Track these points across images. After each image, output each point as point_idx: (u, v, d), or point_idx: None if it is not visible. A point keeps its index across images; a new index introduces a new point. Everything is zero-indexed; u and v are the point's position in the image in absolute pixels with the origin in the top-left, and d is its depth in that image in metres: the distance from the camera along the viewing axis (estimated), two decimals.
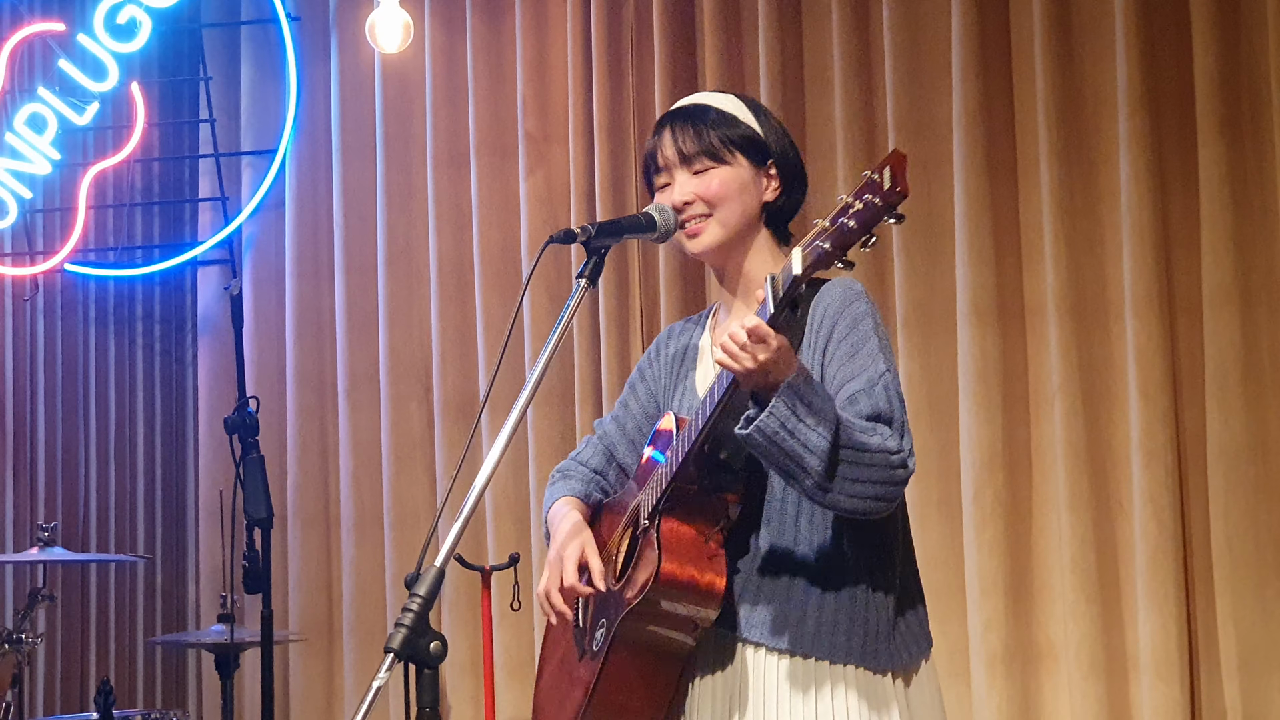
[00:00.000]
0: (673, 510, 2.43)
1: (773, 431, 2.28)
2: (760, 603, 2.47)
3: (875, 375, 2.44)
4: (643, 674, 2.47)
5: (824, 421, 2.28)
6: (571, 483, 2.76)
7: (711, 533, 2.43)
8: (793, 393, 2.27)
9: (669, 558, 2.38)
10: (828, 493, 2.33)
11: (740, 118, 2.61)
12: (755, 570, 2.48)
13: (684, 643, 2.45)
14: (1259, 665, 4.57)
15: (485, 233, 5.69)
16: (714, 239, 2.59)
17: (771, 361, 2.25)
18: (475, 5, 5.77)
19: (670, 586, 2.38)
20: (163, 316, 6.31)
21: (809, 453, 2.28)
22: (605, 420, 2.84)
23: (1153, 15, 4.77)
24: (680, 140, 2.58)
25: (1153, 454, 4.63)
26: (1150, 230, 4.69)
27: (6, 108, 5.85)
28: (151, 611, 6.12)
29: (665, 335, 2.81)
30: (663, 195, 2.61)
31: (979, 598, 4.79)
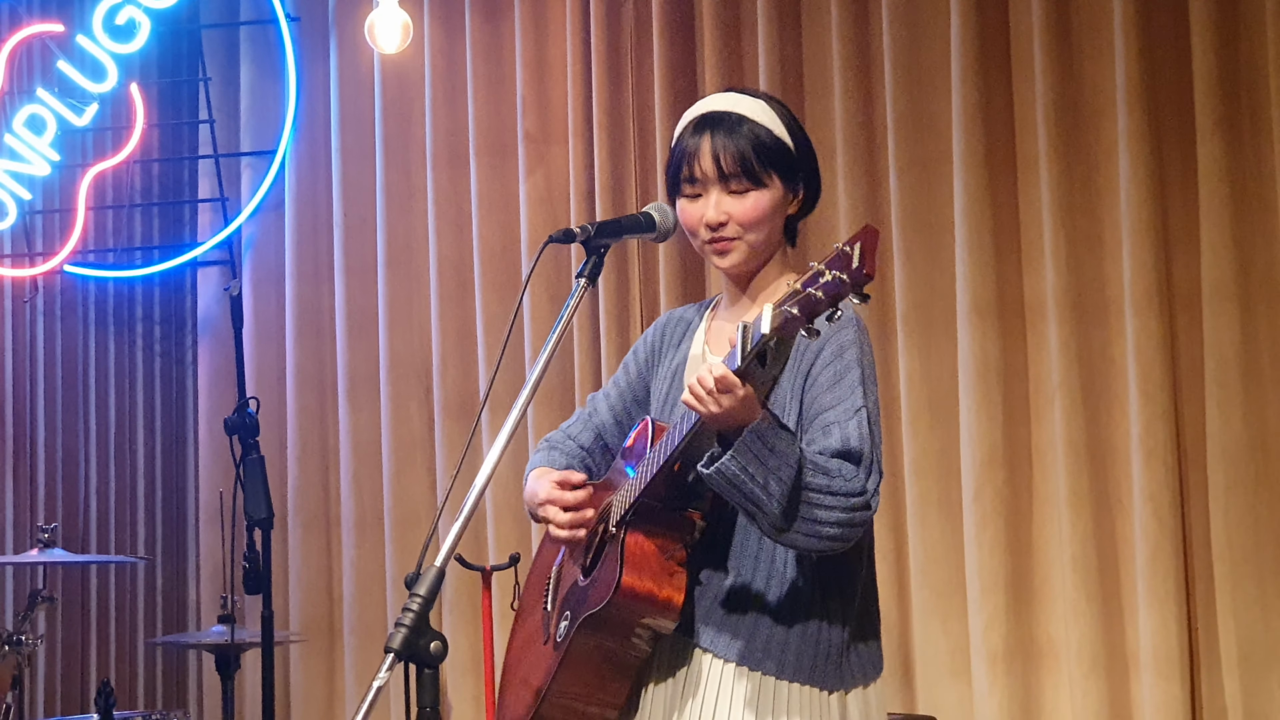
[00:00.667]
0: (639, 523, 2.48)
1: (732, 475, 2.34)
2: (717, 615, 2.52)
3: (852, 408, 2.48)
4: (598, 671, 2.55)
5: (785, 465, 2.34)
6: (555, 455, 2.81)
7: (674, 549, 2.48)
8: (756, 437, 2.32)
9: (629, 571, 2.44)
10: (783, 533, 2.40)
11: (777, 133, 2.62)
12: (717, 583, 2.53)
13: (641, 649, 2.52)
14: (1259, 662, 4.57)
15: (485, 233, 5.69)
16: (741, 258, 2.62)
17: (736, 408, 2.30)
18: (474, 6, 5.78)
19: (629, 599, 2.44)
20: (162, 317, 6.31)
21: (767, 497, 2.35)
22: (597, 396, 2.88)
23: (1152, 13, 4.77)
24: (721, 157, 2.58)
25: (1153, 452, 4.63)
26: (1150, 228, 4.69)
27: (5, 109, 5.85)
28: (152, 612, 6.12)
29: (664, 320, 2.84)
30: (693, 205, 2.62)
31: (980, 596, 4.79)
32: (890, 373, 5.00)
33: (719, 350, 2.65)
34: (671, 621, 2.47)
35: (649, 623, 2.47)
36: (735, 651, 2.50)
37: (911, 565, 4.96)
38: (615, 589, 2.43)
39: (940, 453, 4.93)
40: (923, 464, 4.93)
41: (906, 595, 4.99)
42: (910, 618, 4.98)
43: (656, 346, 2.80)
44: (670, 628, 2.48)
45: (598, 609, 2.45)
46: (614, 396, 2.83)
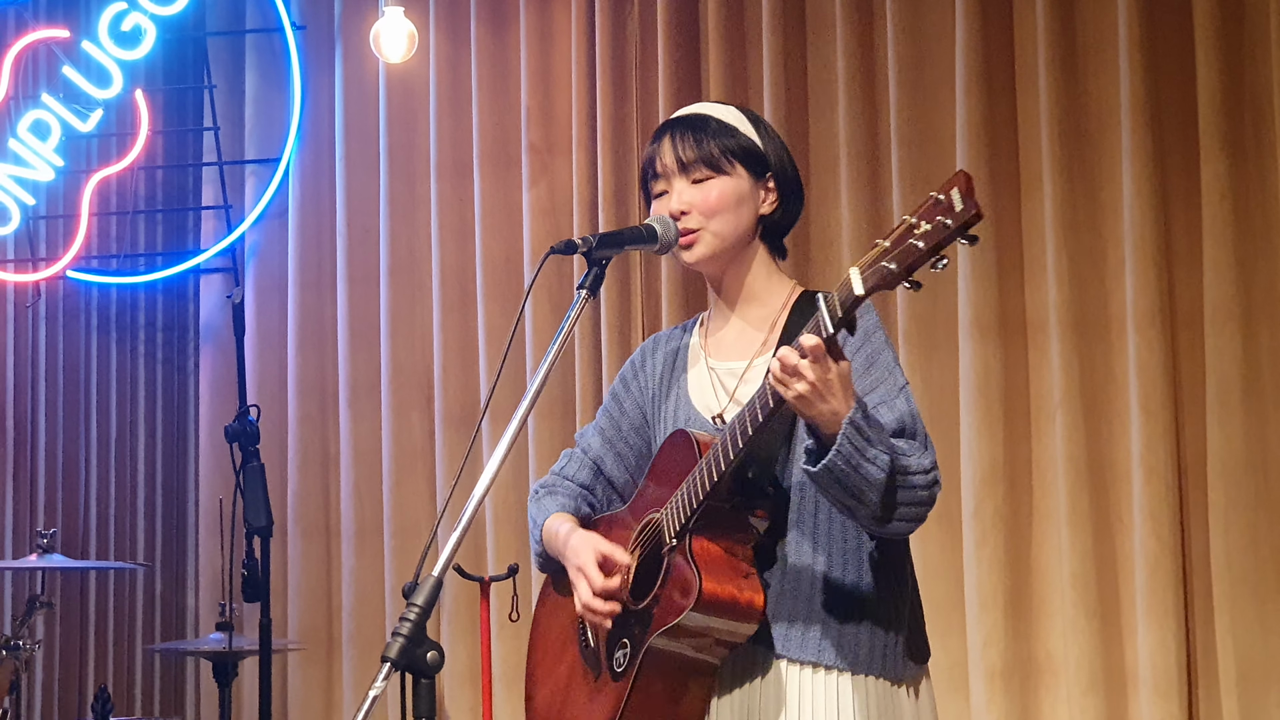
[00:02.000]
0: (702, 529, 2.41)
1: (840, 470, 2.28)
2: (784, 616, 2.47)
3: (895, 387, 2.47)
4: (671, 692, 2.47)
5: (882, 453, 2.30)
6: (559, 498, 2.74)
7: (743, 550, 2.42)
8: (855, 430, 2.26)
9: (709, 577, 2.36)
10: (884, 523, 2.36)
11: (740, 129, 2.60)
12: (779, 584, 2.48)
13: (714, 661, 2.45)
14: (1258, 680, 4.57)
15: (488, 243, 5.69)
16: (708, 250, 2.59)
17: (827, 384, 2.23)
18: (480, 15, 5.78)
19: (711, 605, 2.37)
20: (165, 324, 6.31)
21: (871, 487, 2.30)
22: (587, 433, 2.81)
23: (1156, 31, 4.78)
24: (680, 148, 2.57)
25: (1153, 469, 4.62)
26: (1152, 246, 4.69)
27: (10, 114, 5.85)
28: (150, 619, 6.11)
29: (650, 344, 2.79)
30: (660, 203, 2.61)
31: (979, 612, 4.78)
32: None
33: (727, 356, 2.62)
34: (753, 626, 2.40)
35: (728, 630, 2.40)
36: (812, 652, 2.45)
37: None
38: (698, 596, 2.34)
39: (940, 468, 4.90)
40: None
41: None
42: None
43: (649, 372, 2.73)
44: (750, 632, 2.41)
45: (678, 619, 2.37)
46: (608, 429, 2.76)
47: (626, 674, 2.46)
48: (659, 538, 2.48)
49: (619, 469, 2.74)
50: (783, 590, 2.47)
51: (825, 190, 5.15)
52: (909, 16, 5.07)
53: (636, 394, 2.75)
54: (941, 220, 2.08)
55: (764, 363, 2.53)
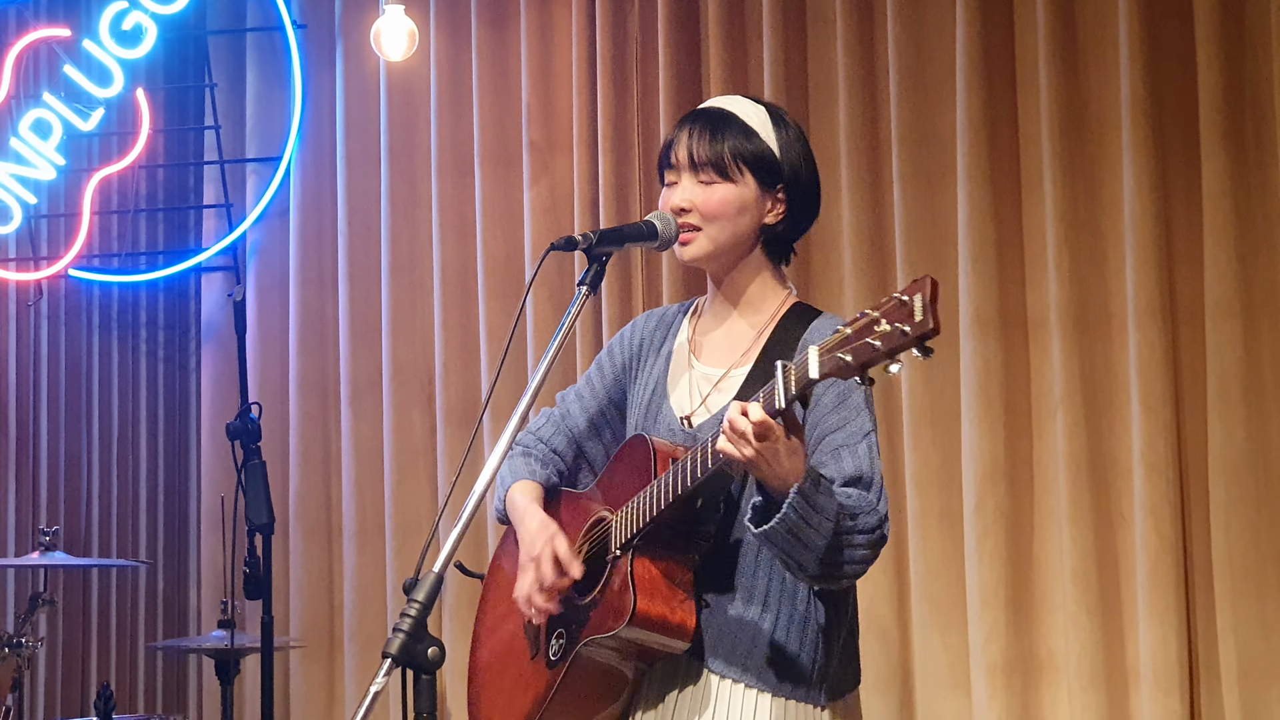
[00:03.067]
0: (646, 547, 2.47)
1: (780, 536, 2.33)
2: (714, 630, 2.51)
3: (860, 431, 2.49)
4: (599, 691, 2.54)
5: (826, 521, 2.33)
6: (531, 462, 2.77)
7: (682, 572, 2.48)
8: (803, 499, 2.30)
9: (643, 596, 2.42)
10: (823, 580, 2.42)
11: (761, 134, 2.61)
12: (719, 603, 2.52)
13: (640, 668, 2.53)
14: (1259, 677, 4.57)
15: (489, 241, 5.69)
16: (701, 251, 2.61)
17: (774, 453, 2.27)
18: (480, 14, 5.78)
19: (643, 624, 2.43)
20: (166, 322, 6.31)
21: (810, 552, 2.35)
22: (568, 395, 2.84)
23: (1156, 28, 4.78)
24: (694, 145, 2.59)
25: (1154, 466, 4.62)
26: (1153, 242, 4.69)
27: (12, 113, 5.86)
28: (152, 616, 6.12)
29: (643, 320, 2.82)
30: (668, 192, 2.63)
31: (980, 609, 4.79)
32: (892, 384, 5.00)
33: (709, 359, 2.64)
34: (684, 644, 2.46)
35: (658, 646, 2.47)
36: (739, 670, 2.50)
37: (912, 577, 4.95)
38: (630, 616, 2.41)
39: (941, 465, 4.93)
40: (924, 476, 4.93)
41: (906, 607, 4.99)
42: (910, 630, 4.98)
43: (634, 347, 2.77)
44: (681, 649, 2.47)
45: (610, 634, 2.44)
46: (588, 398, 2.80)
47: (559, 665, 2.53)
48: (606, 542, 2.54)
49: (593, 438, 2.78)
50: (720, 609, 2.51)
51: (825, 189, 5.05)
52: (909, 14, 5.07)
53: (620, 366, 2.78)
54: (899, 328, 2.08)
55: (740, 374, 2.58)
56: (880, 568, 4.95)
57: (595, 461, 2.79)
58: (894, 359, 2.10)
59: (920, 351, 2.08)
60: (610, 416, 2.77)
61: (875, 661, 4.93)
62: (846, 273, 5.09)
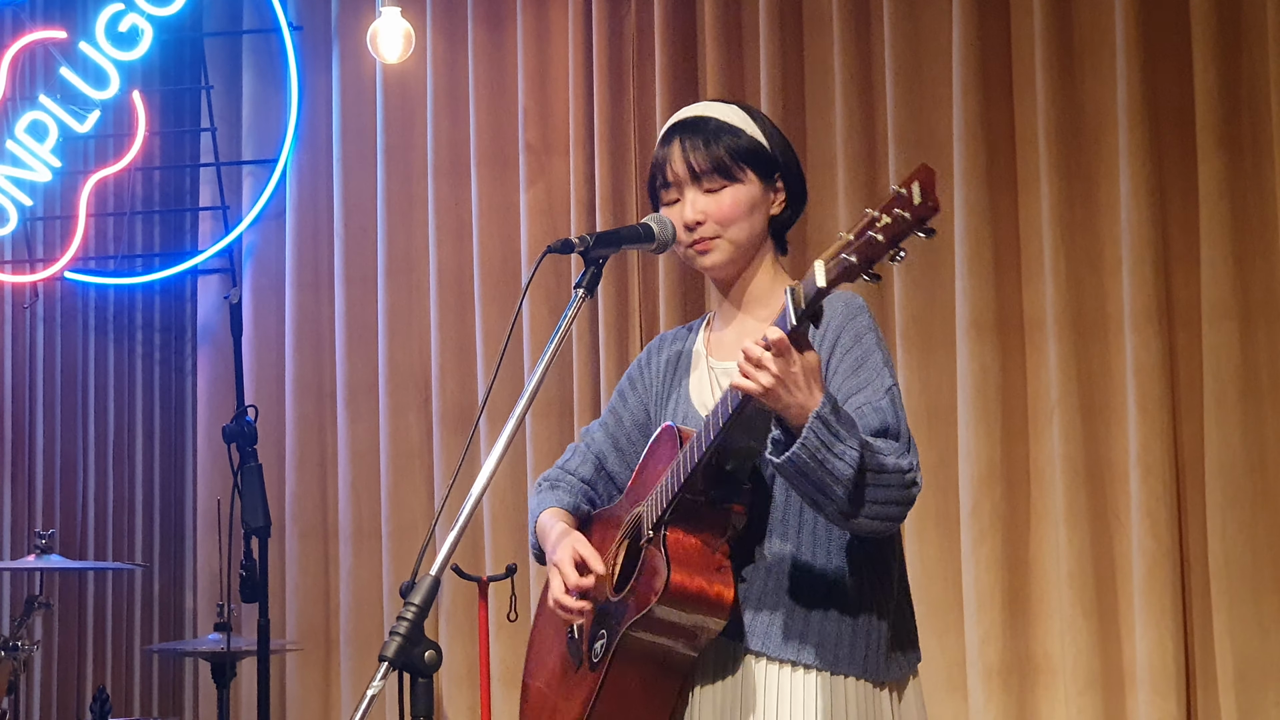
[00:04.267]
0: (678, 522, 2.41)
1: (804, 463, 2.27)
2: (764, 613, 2.46)
3: (881, 388, 2.45)
4: (645, 684, 2.47)
5: (850, 449, 2.27)
6: (559, 493, 2.75)
7: (718, 544, 2.42)
8: (822, 423, 2.25)
9: (678, 568, 2.37)
10: (851, 518, 2.34)
11: (747, 131, 2.59)
12: (760, 580, 2.47)
13: (687, 654, 2.45)
14: (1255, 679, 4.57)
15: (485, 243, 5.69)
16: (724, 257, 2.58)
17: (792, 377, 2.23)
18: (477, 15, 5.78)
19: (679, 597, 2.37)
20: (162, 325, 6.30)
21: (837, 482, 2.28)
22: (594, 428, 2.82)
23: (1153, 30, 4.78)
24: (691, 156, 2.56)
25: (1150, 469, 4.63)
26: (1150, 245, 4.70)
27: (7, 115, 5.85)
28: (148, 620, 6.11)
29: (657, 343, 2.80)
30: (671, 210, 2.59)
31: (976, 611, 4.79)
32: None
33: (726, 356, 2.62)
34: (722, 619, 2.39)
35: (698, 623, 2.40)
36: (788, 650, 2.44)
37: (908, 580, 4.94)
38: (665, 587, 2.35)
39: (938, 467, 4.93)
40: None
41: None
42: None
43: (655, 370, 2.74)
44: (720, 626, 2.40)
45: (645, 611, 2.37)
46: (612, 425, 2.77)
47: (601, 663, 2.48)
48: (639, 530, 2.50)
49: (621, 465, 2.74)
50: (763, 587, 2.47)
51: (823, 190, 5.15)
52: (906, 16, 5.08)
53: (641, 392, 2.75)
54: (900, 213, 2.10)
55: None
56: None
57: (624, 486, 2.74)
58: (898, 248, 2.10)
59: (923, 233, 2.10)
60: (636, 440, 2.73)
61: None
62: None
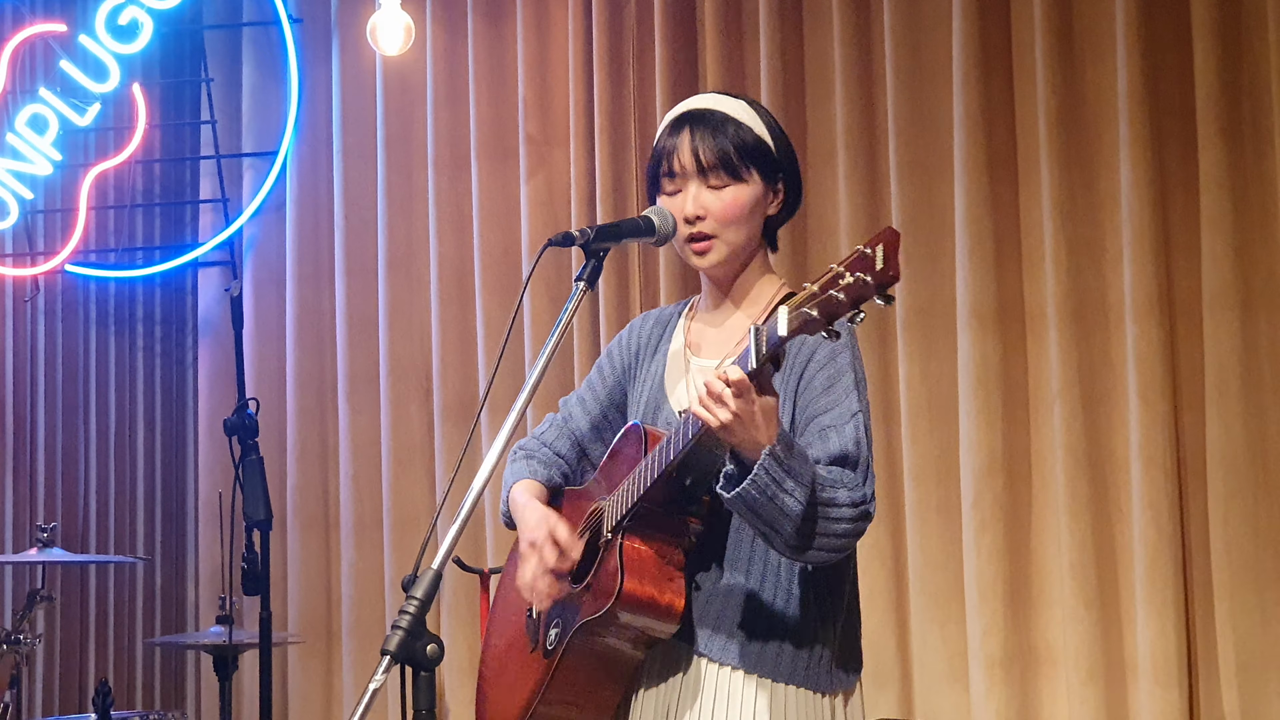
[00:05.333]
0: (636, 529, 2.46)
1: (753, 499, 2.31)
2: (715, 619, 2.51)
3: (848, 412, 2.47)
4: (593, 680, 2.54)
5: (801, 486, 2.32)
6: (534, 464, 2.77)
7: (673, 554, 2.47)
8: (775, 461, 2.29)
9: (631, 577, 2.42)
10: (799, 551, 2.39)
11: (756, 130, 2.60)
12: (712, 587, 2.52)
13: (635, 655, 2.51)
14: (1258, 670, 4.57)
15: (486, 235, 5.69)
16: (720, 257, 2.60)
17: (749, 415, 2.26)
18: (477, 8, 5.78)
19: (631, 605, 2.42)
20: (163, 318, 6.31)
21: (786, 518, 2.33)
22: (570, 400, 2.84)
23: (1154, 19, 4.77)
24: (700, 150, 2.56)
25: (1152, 459, 4.63)
26: (1150, 235, 4.69)
27: (8, 108, 5.85)
28: (150, 612, 6.12)
29: (639, 322, 2.81)
30: (672, 201, 2.60)
31: (978, 602, 4.79)
32: (890, 377, 5.00)
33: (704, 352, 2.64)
34: (672, 626, 2.45)
35: (648, 628, 2.46)
36: (734, 656, 2.49)
37: (910, 570, 4.96)
38: (617, 596, 2.40)
39: (939, 458, 4.93)
40: (922, 469, 4.93)
41: (905, 600, 4.99)
42: (908, 623, 4.98)
43: (633, 349, 2.76)
44: (670, 632, 2.46)
45: (597, 615, 2.43)
46: (589, 401, 2.79)
47: (553, 654, 2.53)
48: (600, 527, 2.53)
49: (596, 441, 2.77)
50: (713, 593, 2.51)
51: (823, 181, 5.14)
52: (906, 6, 5.07)
53: (620, 370, 2.77)
54: (862, 277, 2.11)
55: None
56: (879, 561, 4.96)
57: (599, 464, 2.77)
58: (858, 309, 2.13)
59: (881, 299, 2.12)
60: (612, 419, 2.76)
61: (874, 654, 4.93)
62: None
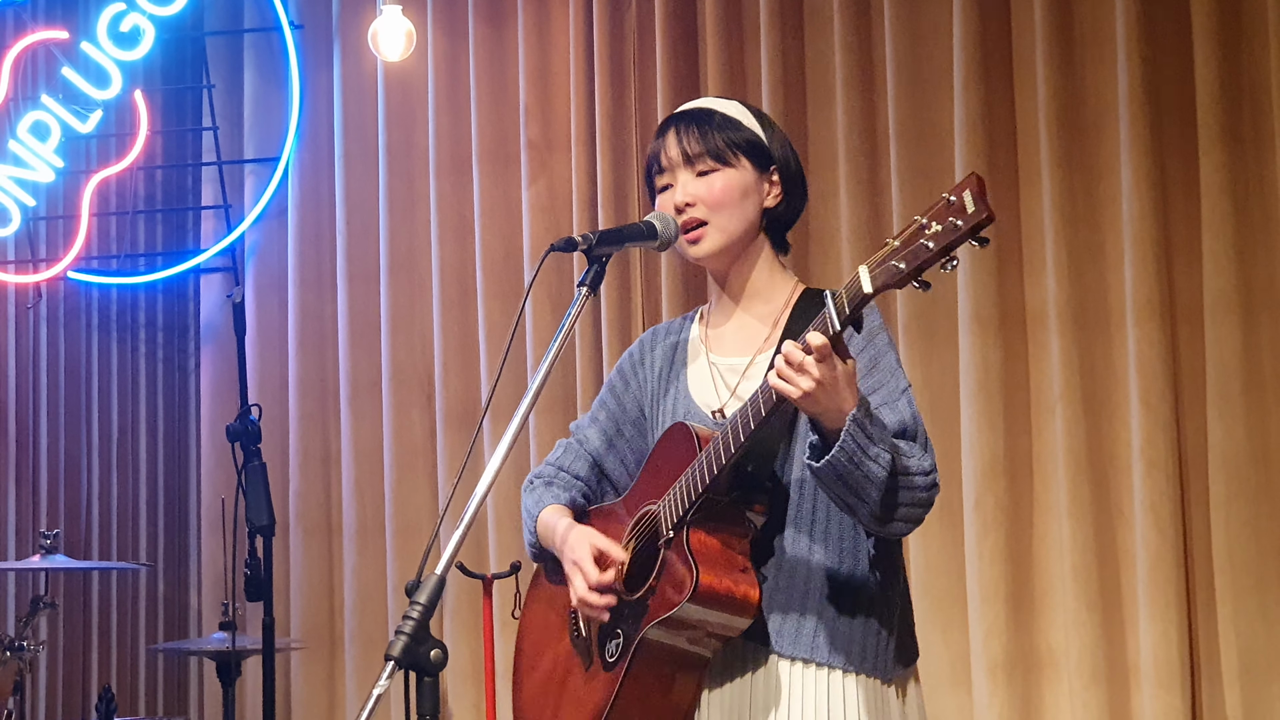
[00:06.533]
0: (699, 523, 2.42)
1: (842, 466, 2.29)
2: (779, 612, 2.48)
3: (897, 389, 2.48)
4: (665, 683, 2.48)
5: (884, 452, 2.30)
6: (555, 490, 2.75)
7: (740, 544, 2.43)
8: (858, 427, 2.27)
9: (706, 569, 2.37)
10: (884, 522, 2.37)
11: (744, 122, 2.61)
12: (776, 578, 2.49)
13: (705, 655, 2.46)
14: (1260, 673, 4.57)
15: (487, 241, 5.70)
16: (714, 245, 2.59)
17: (832, 381, 2.23)
18: (478, 13, 5.79)
19: (708, 598, 2.38)
20: (165, 324, 6.31)
21: (872, 485, 2.31)
22: (583, 424, 2.81)
23: (1154, 23, 4.78)
24: (685, 141, 2.58)
25: (1154, 462, 4.63)
26: (1151, 238, 4.70)
27: (10, 115, 5.85)
28: (153, 619, 6.12)
29: (649, 336, 2.79)
30: (664, 197, 2.60)
31: (980, 605, 4.79)
32: None
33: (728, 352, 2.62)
34: (747, 620, 2.41)
35: (724, 624, 2.41)
36: (802, 649, 2.46)
37: (912, 574, 4.95)
38: (694, 588, 2.35)
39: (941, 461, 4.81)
40: None
41: None
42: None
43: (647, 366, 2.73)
44: (744, 626, 2.41)
45: (673, 611, 2.37)
46: (604, 421, 2.76)
47: (619, 664, 2.47)
48: (655, 530, 2.49)
49: (615, 462, 2.75)
50: (778, 585, 2.48)
51: (824, 187, 5.15)
52: (906, 11, 5.08)
53: (635, 389, 2.75)
54: (953, 221, 2.08)
55: (766, 359, 2.54)
56: None
57: (618, 482, 2.75)
58: (950, 256, 2.09)
59: (977, 241, 2.08)
60: (629, 436, 2.74)
61: None
62: (845, 270, 5.09)
